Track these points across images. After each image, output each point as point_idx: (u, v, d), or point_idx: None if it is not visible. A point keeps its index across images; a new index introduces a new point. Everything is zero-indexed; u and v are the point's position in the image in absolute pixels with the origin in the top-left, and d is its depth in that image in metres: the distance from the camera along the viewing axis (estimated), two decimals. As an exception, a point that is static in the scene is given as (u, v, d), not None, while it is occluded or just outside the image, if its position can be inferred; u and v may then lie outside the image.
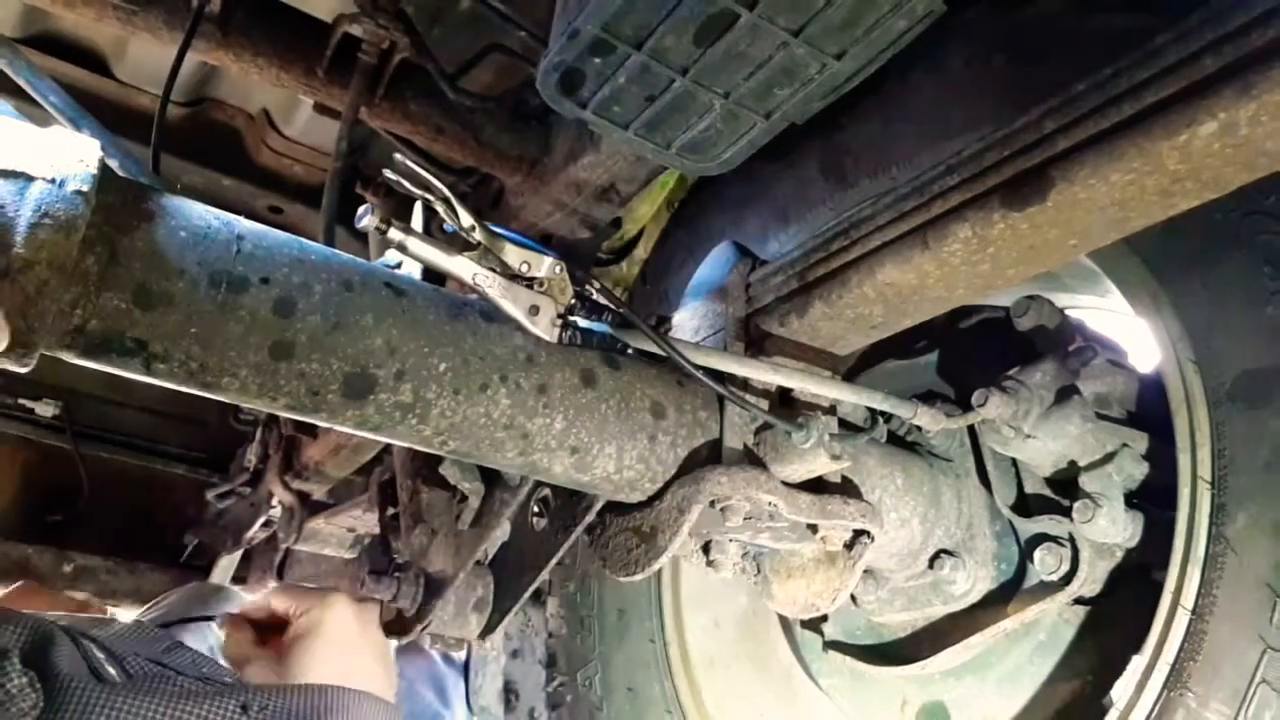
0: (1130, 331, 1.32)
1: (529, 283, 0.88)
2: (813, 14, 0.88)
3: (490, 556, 1.30)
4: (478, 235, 0.86)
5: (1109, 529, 1.10)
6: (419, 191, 0.84)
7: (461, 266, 0.85)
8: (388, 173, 0.84)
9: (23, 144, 0.66)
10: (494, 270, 0.87)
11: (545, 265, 0.88)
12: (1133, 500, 1.13)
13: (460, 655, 2.40)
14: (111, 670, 1.00)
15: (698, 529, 1.05)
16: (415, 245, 0.83)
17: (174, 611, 1.95)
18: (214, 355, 0.74)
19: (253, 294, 0.75)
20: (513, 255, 0.87)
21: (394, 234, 0.82)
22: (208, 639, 1.98)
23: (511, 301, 0.87)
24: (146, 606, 2.09)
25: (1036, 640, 1.26)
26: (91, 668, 0.92)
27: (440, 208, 0.84)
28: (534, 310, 0.88)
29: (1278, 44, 0.63)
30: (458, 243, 0.86)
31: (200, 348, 0.73)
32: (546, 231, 1.60)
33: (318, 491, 2.23)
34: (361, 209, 0.83)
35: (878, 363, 1.47)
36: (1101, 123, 0.74)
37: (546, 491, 1.15)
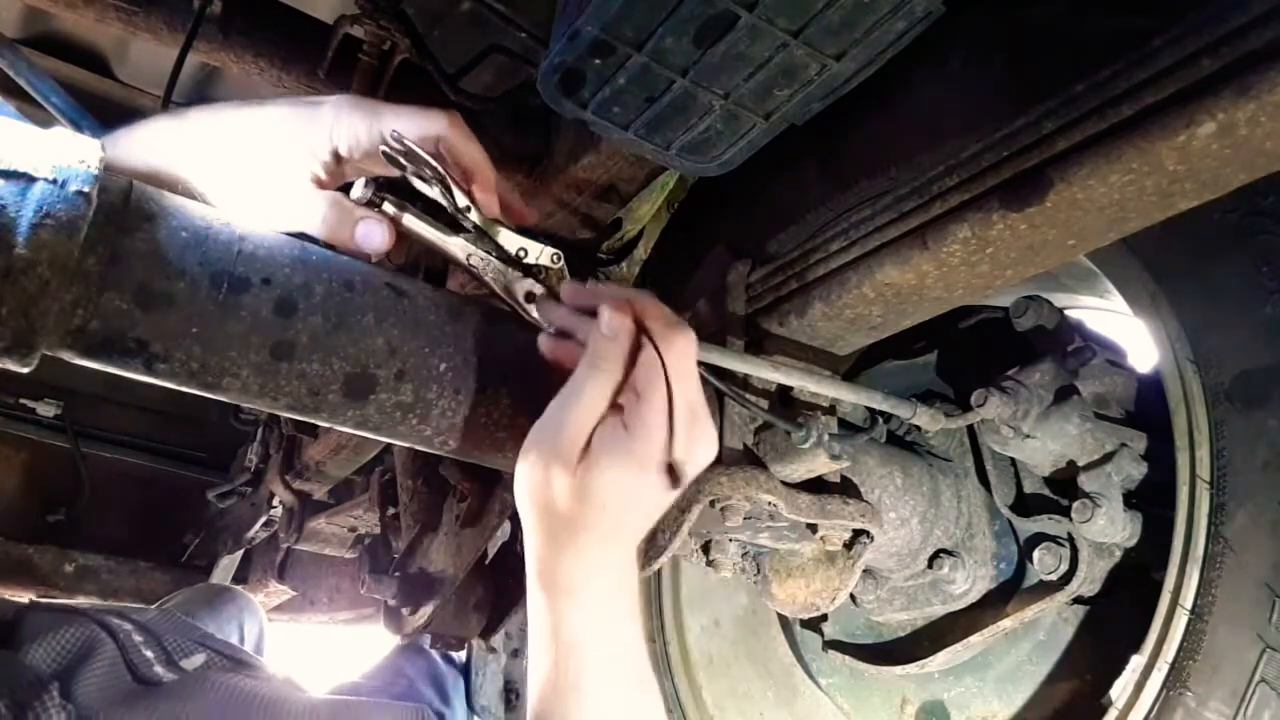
0: (1129, 331, 1.32)
1: (525, 269, 0.87)
2: (812, 15, 0.88)
3: (490, 556, 1.30)
4: (473, 217, 0.85)
5: (1108, 529, 1.11)
6: (412, 168, 0.82)
7: (456, 246, 0.84)
8: (382, 147, 0.82)
9: (24, 145, 0.66)
10: (489, 254, 0.86)
11: (543, 253, 0.88)
12: (1131, 500, 1.13)
13: (460, 655, 2.40)
14: (149, 654, 0.97)
15: (698, 528, 1.05)
16: (410, 221, 0.82)
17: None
18: (215, 355, 0.74)
19: (254, 294, 0.75)
20: (509, 240, 0.86)
21: (388, 208, 0.81)
22: (232, 627, 1.98)
23: (506, 286, 0.86)
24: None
25: (1035, 640, 1.26)
26: (130, 663, 0.90)
27: (436, 188, 0.83)
28: (530, 297, 0.87)
29: (1276, 45, 0.63)
30: (453, 226, 0.85)
31: (201, 348, 0.73)
32: (548, 231, 1.60)
33: (318, 491, 2.23)
34: (358, 181, 0.82)
35: (878, 363, 1.47)
36: (1100, 124, 0.74)
37: (547, 491, 1.15)
